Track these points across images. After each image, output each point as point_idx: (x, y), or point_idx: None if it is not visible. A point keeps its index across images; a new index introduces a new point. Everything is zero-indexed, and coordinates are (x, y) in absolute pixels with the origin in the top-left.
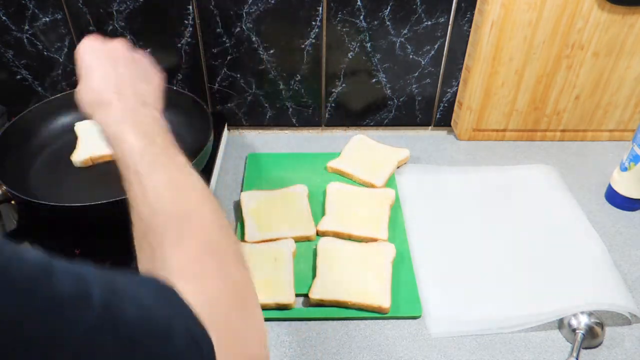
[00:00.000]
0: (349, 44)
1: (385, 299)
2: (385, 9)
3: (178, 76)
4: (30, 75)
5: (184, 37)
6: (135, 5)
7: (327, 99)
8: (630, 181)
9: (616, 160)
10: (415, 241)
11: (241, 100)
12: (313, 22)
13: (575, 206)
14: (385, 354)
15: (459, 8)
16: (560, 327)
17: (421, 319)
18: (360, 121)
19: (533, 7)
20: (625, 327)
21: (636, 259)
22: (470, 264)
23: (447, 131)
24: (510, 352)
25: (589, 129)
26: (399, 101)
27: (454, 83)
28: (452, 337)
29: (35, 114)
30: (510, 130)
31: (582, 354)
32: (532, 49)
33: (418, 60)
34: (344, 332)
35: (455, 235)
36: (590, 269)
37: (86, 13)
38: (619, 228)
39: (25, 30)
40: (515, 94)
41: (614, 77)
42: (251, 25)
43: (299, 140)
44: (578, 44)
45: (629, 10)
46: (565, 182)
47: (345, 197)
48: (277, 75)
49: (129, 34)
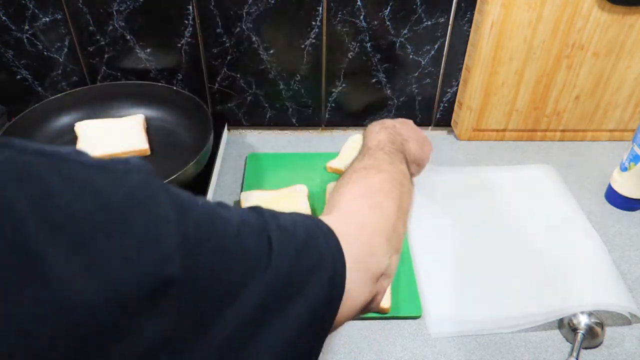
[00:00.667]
0: (349, 44)
1: (385, 299)
2: (385, 9)
3: (178, 76)
4: (30, 75)
5: (184, 37)
6: (135, 5)
7: (327, 99)
8: (630, 181)
9: (616, 160)
10: (415, 241)
11: (241, 100)
12: (313, 22)
13: (575, 206)
14: (385, 354)
15: (459, 8)
16: (560, 327)
17: (421, 319)
18: (360, 121)
19: (533, 7)
20: (625, 327)
21: (636, 259)
22: (470, 264)
23: (447, 131)
24: (510, 352)
25: (589, 129)
26: (399, 101)
27: (454, 83)
28: (452, 337)
29: (35, 114)
30: (510, 130)
31: (582, 354)
32: (532, 49)
33: (418, 60)
34: (344, 332)
35: (455, 235)
36: (590, 269)
37: (86, 13)
38: (619, 228)
39: (25, 30)
40: (515, 94)
41: (614, 77)
42: (251, 25)
43: (299, 140)
44: (578, 44)
45: (629, 10)
46: (565, 182)
47: None
48: (277, 75)
49: (129, 34)
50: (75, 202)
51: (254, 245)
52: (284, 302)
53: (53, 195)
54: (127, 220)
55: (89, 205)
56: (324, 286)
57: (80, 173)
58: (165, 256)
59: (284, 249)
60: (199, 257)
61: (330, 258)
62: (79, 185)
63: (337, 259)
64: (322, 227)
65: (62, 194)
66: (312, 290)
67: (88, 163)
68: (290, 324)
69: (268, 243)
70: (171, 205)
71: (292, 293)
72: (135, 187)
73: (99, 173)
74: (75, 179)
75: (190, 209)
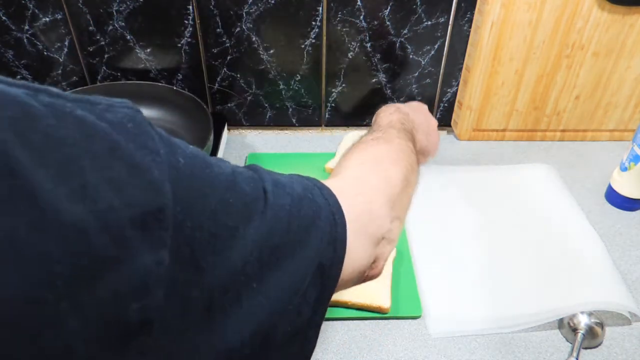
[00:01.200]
0: (349, 44)
1: (385, 299)
2: (385, 9)
3: (178, 76)
4: (30, 75)
5: (184, 37)
6: (135, 5)
7: (327, 99)
8: (630, 181)
9: (616, 160)
10: (415, 241)
11: (241, 100)
12: (313, 22)
13: (575, 206)
14: (385, 354)
15: (459, 8)
16: (560, 327)
17: (421, 319)
18: (360, 121)
19: (533, 7)
20: (625, 327)
21: (636, 259)
22: (470, 264)
23: (447, 131)
24: (510, 352)
25: (589, 129)
26: (398, 101)
27: (454, 83)
28: (452, 337)
29: None
30: (510, 130)
31: (582, 354)
32: (532, 49)
33: (418, 60)
34: (344, 332)
35: (455, 235)
36: (590, 268)
37: (86, 13)
38: (619, 228)
39: (25, 30)
40: (515, 94)
41: (614, 77)
42: (251, 25)
43: (299, 140)
44: (578, 44)
45: (629, 10)
46: (565, 182)
47: None
48: (277, 75)
49: (129, 34)
50: (60, 128)
51: (248, 190)
52: (283, 253)
53: (37, 119)
54: (114, 148)
55: (75, 132)
56: (326, 238)
57: (60, 101)
58: (154, 185)
59: (280, 199)
60: (191, 191)
61: (329, 212)
62: (61, 112)
63: (335, 213)
64: (319, 184)
65: (47, 117)
66: (314, 241)
67: (66, 95)
68: (292, 274)
69: (263, 192)
70: (160, 139)
71: (292, 244)
72: (121, 117)
73: (81, 103)
74: (56, 105)
75: (180, 147)
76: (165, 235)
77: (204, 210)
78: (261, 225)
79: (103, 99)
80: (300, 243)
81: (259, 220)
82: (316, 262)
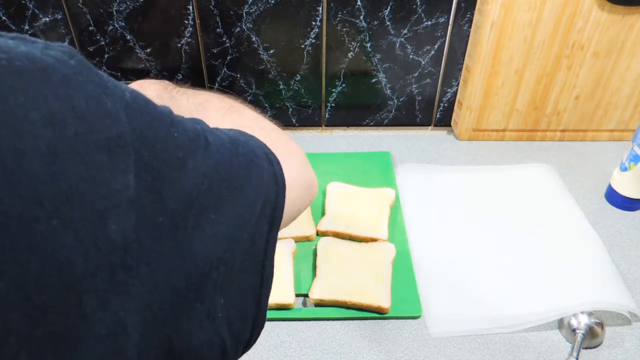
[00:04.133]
0: (349, 44)
1: (385, 299)
2: (385, 9)
3: (178, 76)
4: None
5: (184, 37)
6: (135, 5)
7: (327, 99)
8: (630, 181)
9: (616, 160)
10: (415, 241)
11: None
12: (313, 22)
13: (575, 206)
14: (385, 354)
15: (459, 8)
16: (560, 327)
17: (421, 319)
18: (360, 121)
19: (533, 7)
20: (625, 327)
21: (636, 259)
22: (470, 264)
23: (447, 131)
24: (510, 352)
25: (589, 129)
26: (399, 101)
27: (454, 83)
28: (452, 337)
29: None
30: (510, 130)
31: (582, 354)
32: (532, 49)
33: (418, 60)
34: (344, 332)
35: (455, 235)
36: (590, 268)
37: (86, 13)
38: (619, 228)
39: (25, 30)
40: (515, 94)
41: (614, 77)
42: (251, 25)
43: (299, 140)
44: (578, 44)
45: (629, 10)
46: (565, 182)
47: (345, 197)
48: (277, 75)
49: (129, 34)
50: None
51: (189, 127)
52: (233, 185)
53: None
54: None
55: (29, 65)
56: (265, 172)
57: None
58: (111, 114)
59: (219, 138)
60: (142, 122)
61: (262, 152)
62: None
63: (268, 152)
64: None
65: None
66: (255, 176)
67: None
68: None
69: (203, 132)
70: (102, 74)
71: (238, 178)
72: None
73: (22, 40)
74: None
75: (121, 83)
76: (128, 160)
77: (156, 140)
78: (206, 158)
79: (38, 39)
80: (244, 177)
81: (203, 154)
82: (263, 192)
